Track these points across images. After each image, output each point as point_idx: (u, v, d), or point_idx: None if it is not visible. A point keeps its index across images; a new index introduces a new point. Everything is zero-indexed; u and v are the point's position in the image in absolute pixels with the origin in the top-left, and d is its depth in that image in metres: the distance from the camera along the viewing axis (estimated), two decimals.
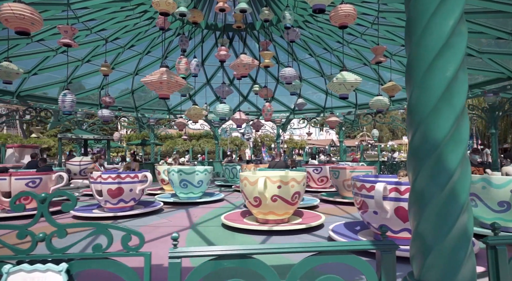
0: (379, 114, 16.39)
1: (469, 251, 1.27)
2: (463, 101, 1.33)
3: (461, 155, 1.30)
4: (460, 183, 1.29)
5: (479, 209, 4.88)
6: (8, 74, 8.48)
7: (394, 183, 3.98)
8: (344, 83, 7.01)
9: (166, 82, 6.08)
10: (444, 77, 1.30)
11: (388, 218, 3.86)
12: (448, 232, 1.28)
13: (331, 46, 13.09)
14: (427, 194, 1.32)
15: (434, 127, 1.31)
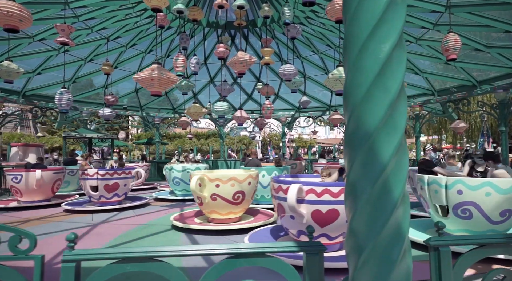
0: None
1: (404, 249, 1.14)
2: (399, 84, 1.18)
3: (396, 144, 1.16)
4: (395, 175, 1.16)
5: (473, 220, 3.96)
6: (9, 74, 8.55)
7: (313, 183, 3.62)
8: (340, 79, 6.83)
9: (157, 78, 6.01)
10: (377, 59, 1.17)
11: (305, 223, 3.51)
12: (381, 228, 1.14)
13: (334, 42, 12.86)
14: (359, 187, 1.19)
15: (367, 114, 1.17)
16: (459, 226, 4.07)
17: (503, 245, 1.37)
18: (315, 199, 3.45)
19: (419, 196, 4.80)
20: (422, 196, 4.62)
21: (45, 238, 4.87)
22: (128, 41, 12.49)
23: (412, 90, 14.53)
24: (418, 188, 4.72)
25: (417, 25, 9.99)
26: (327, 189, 3.43)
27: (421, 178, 4.49)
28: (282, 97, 17.41)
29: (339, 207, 3.46)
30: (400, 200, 1.14)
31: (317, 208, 3.45)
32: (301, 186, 3.49)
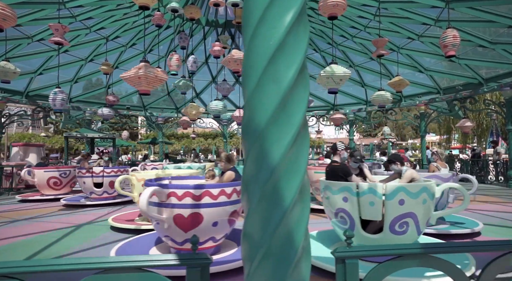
0: (390, 111, 15.82)
1: (300, 253, 1.01)
2: (292, 77, 1.05)
3: (290, 140, 1.03)
4: (287, 173, 1.03)
5: (407, 235, 3.23)
6: (6, 74, 8.62)
7: (180, 186, 3.40)
8: (332, 76, 6.67)
9: (145, 77, 5.94)
10: (268, 46, 1.04)
11: (166, 228, 3.30)
12: (274, 230, 1.02)
13: (335, 40, 12.65)
14: (251, 186, 1.07)
15: (258, 107, 1.05)
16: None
17: (421, 255, 1.21)
18: (176, 203, 3.23)
19: (337, 210, 3.42)
20: (342, 211, 3.36)
21: None
22: (128, 41, 12.52)
23: (417, 89, 14.20)
24: (336, 201, 3.40)
25: (418, 21, 9.72)
26: (188, 192, 3.22)
27: (347, 186, 3.31)
28: None
29: (203, 211, 3.26)
30: (294, 201, 1.02)
31: (179, 212, 3.24)
32: (157, 188, 3.24)
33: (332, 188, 3.40)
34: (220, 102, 9.36)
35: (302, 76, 1.07)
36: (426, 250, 1.23)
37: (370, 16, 10.16)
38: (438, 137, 43.16)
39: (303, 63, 1.06)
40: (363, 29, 11.06)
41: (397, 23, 10.28)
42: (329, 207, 3.51)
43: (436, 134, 42.02)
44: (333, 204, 3.39)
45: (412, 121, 15.58)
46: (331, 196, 3.41)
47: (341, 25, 11.42)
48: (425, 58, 12.44)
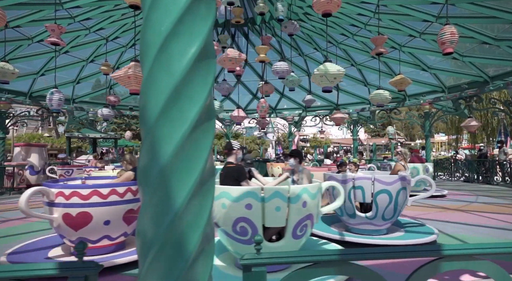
0: (394, 110, 15.55)
1: (197, 253, 0.92)
2: (186, 65, 0.96)
3: (182, 134, 0.94)
4: (184, 165, 0.95)
5: (304, 238, 3.12)
6: (4, 74, 8.69)
7: (67, 186, 3.48)
8: (326, 75, 6.52)
9: (134, 76, 5.91)
10: (160, 32, 0.96)
11: (56, 226, 3.37)
12: (169, 226, 0.93)
13: (336, 38, 12.49)
14: (143, 181, 0.99)
15: (150, 97, 0.97)
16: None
17: (338, 262, 1.10)
18: (64, 202, 3.30)
19: (236, 221, 2.97)
20: (243, 220, 2.93)
21: None
22: (128, 41, 12.55)
23: (421, 88, 13.95)
24: (236, 209, 2.94)
25: (419, 18, 9.51)
26: (75, 192, 3.31)
27: (252, 191, 2.91)
28: (288, 97, 17.10)
29: (91, 210, 3.32)
30: (188, 200, 0.93)
31: (67, 211, 3.31)
32: (46, 189, 3.32)
33: (231, 194, 2.91)
34: (216, 101, 9.29)
35: (200, 67, 0.98)
36: (345, 256, 1.12)
37: (370, 14, 9.97)
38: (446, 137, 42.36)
39: (201, 51, 0.97)
40: (364, 27, 10.88)
41: (397, 21, 10.08)
42: (222, 218, 2.97)
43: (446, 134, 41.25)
44: (232, 213, 2.91)
45: (416, 121, 15.28)
46: (229, 204, 2.90)
47: (341, 23, 11.26)
48: (429, 56, 12.19)
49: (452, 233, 4.69)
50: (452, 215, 6.13)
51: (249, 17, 12.29)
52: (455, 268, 1.19)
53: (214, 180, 1.01)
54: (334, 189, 3.93)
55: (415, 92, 14.45)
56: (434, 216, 6.13)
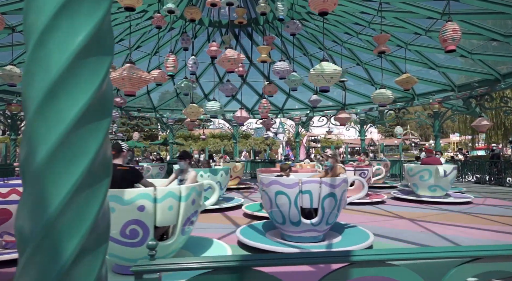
0: (403, 110, 15.25)
1: (74, 256, 0.89)
2: (65, 62, 0.93)
3: (59, 134, 0.91)
4: (61, 166, 0.91)
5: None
6: (11, 77, 8.93)
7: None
8: (323, 74, 6.43)
9: (128, 78, 5.95)
10: (36, 26, 0.93)
11: None
12: (45, 227, 0.90)
13: (340, 37, 12.34)
14: (21, 173, 0.96)
15: (28, 92, 0.95)
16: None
17: (239, 268, 1.02)
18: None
19: (126, 224, 2.95)
20: (134, 223, 2.93)
21: None
22: (133, 44, 12.68)
23: (430, 86, 13.64)
24: (127, 212, 2.93)
25: (423, 15, 9.29)
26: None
27: (145, 193, 2.95)
28: (294, 97, 16.98)
29: (11, 207, 3.66)
30: (71, 193, 0.89)
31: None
32: None
33: (122, 197, 2.86)
34: (217, 102, 9.28)
35: (85, 64, 0.94)
36: (246, 262, 1.06)
37: (373, 12, 9.81)
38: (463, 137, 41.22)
39: (85, 47, 0.93)
40: (368, 26, 10.70)
41: (402, 18, 9.88)
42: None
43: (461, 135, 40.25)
44: (121, 216, 2.86)
45: (425, 120, 14.95)
46: (120, 208, 2.84)
47: (345, 22, 11.11)
48: (437, 55, 11.91)
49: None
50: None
51: (252, 18, 12.25)
52: (367, 275, 1.12)
53: (104, 184, 0.96)
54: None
55: (424, 91, 14.15)
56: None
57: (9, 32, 9.52)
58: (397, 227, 5.33)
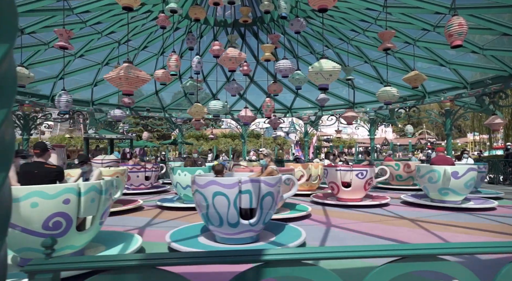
0: (413, 108, 14.91)
1: None
2: None
3: None
4: None
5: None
6: (20, 78, 9.11)
7: None
8: (321, 72, 6.33)
9: (125, 78, 5.98)
10: None
11: None
12: None
13: (346, 35, 12.15)
14: None
15: None
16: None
17: (143, 268, 0.96)
18: None
19: (49, 217, 3.22)
20: (58, 215, 3.20)
21: None
22: (140, 44, 12.81)
23: (441, 84, 13.30)
24: (51, 206, 3.19)
25: (431, 11, 9.04)
26: None
27: (70, 188, 3.29)
28: (303, 96, 16.83)
29: None
30: None
31: None
32: None
33: (47, 192, 3.11)
34: (219, 101, 9.27)
35: None
36: (153, 261, 1.00)
37: (379, 8, 9.60)
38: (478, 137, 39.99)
39: None
40: (374, 22, 10.49)
41: (408, 14, 9.64)
42: (29, 217, 3.05)
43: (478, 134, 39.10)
44: (45, 210, 3.09)
45: (436, 119, 14.57)
46: (43, 202, 3.07)
47: (350, 19, 10.92)
48: (447, 51, 11.59)
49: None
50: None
51: (258, 16, 12.19)
52: (281, 275, 1.04)
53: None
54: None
55: (435, 89, 13.80)
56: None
57: (18, 34, 9.73)
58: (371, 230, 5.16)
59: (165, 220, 6.21)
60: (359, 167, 8.03)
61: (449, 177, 6.97)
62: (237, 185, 3.87)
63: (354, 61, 13.56)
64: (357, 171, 7.40)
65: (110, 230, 4.90)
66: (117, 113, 11.69)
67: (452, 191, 7.06)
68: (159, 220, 6.15)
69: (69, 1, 9.05)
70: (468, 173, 6.97)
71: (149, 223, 5.90)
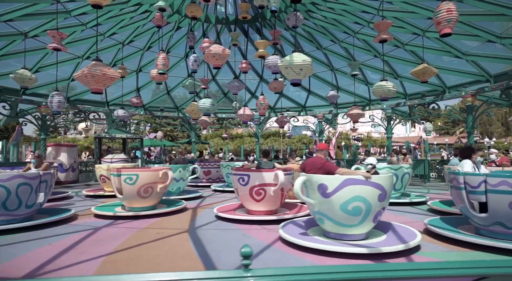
0: (433, 104, 13.87)
1: None
2: None
3: None
4: None
5: None
6: (23, 80, 9.49)
7: None
8: (291, 66, 5.94)
9: (90, 75, 5.97)
10: None
11: None
12: None
13: (351, 28, 11.51)
14: None
15: None
16: None
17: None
18: None
19: None
20: None
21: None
22: (144, 45, 12.97)
23: (463, 78, 12.25)
24: None
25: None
26: None
27: None
28: (316, 93, 16.27)
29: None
30: None
31: None
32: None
33: None
34: (208, 99, 9.09)
35: None
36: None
37: None
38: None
39: None
40: (377, 13, 9.83)
41: (413, 3, 8.92)
42: None
43: None
44: None
45: (457, 115, 13.45)
46: None
47: (353, 11, 10.32)
48: (463, 41, 10.62)
49: None
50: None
51: (259, 12, 11.89)
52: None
53: None
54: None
55: (455, 83, 12.75)
56: None
57: (22, 38, 10.16)
58: None
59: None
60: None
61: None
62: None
63: (364, 55, 12.87)
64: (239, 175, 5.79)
65: None
66: (120, 113, 11.90)
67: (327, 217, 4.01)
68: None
69: (65, 3, 9.26)
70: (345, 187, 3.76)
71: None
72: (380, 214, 3.95)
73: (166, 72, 9.08)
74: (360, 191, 3.70)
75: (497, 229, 3.98)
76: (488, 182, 3.91)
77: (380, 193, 3.78)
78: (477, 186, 4.02)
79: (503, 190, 3.76)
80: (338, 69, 14.31)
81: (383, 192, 3.81)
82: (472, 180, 4.10)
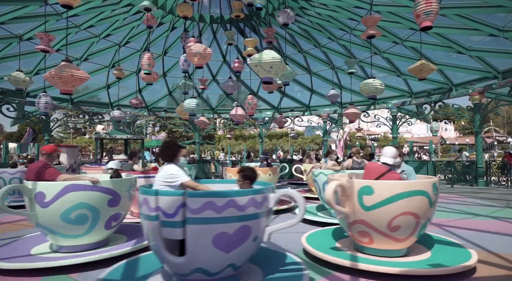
0: (439, 103, 13.21)
1: None
2: None
3: None
4: None
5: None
6: (17, 82, 9.65)
7: None
8: (261, 64, 5.70)
9: (57, 76, 5.94)
10: None
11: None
12: None
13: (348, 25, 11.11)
14: None
15: None
16: None
17: None
18: None
19: None
20: None
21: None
22: (142, 46, 13.00)
23: (470, 75, 11.62)
24: None
25: None
26: None
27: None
28: (319, 93, 15.88)
29: None
30: None
31: None
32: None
33: None
34: (194, 99, 8.94)
35: None
36: None
37: None
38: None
39: None
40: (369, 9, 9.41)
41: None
42: None
43: None
44: None
45: (464, 114, 12.76)
46: None
47: (348, 7, 9.94)
48: (466, 36, 10.04)
49: None
50: None
51: (254, 11, 11.66)
52: None
53: None
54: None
55: (462, 81, 12.11)
56: None
57: (17, 41, 10.36)
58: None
59: None
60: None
61: None
62: None
63: (364, 53, 12.41)
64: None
65: None
66: (116, 114, 11.97)
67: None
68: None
69: (53, 5, 9.36)
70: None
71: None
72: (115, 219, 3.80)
73: (151, 72, 8.99)
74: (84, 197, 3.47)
75: (198, 278, 2.57)
76: (188, 206, 2.38)
77: (111, 198, 3.65)
78: (173, 214, 2.41)
79: (206, 218, 2.37)
80: (339, 67, 13.89)
81: (114, 196, 3.67)
82: (166, 203, 2.44)
